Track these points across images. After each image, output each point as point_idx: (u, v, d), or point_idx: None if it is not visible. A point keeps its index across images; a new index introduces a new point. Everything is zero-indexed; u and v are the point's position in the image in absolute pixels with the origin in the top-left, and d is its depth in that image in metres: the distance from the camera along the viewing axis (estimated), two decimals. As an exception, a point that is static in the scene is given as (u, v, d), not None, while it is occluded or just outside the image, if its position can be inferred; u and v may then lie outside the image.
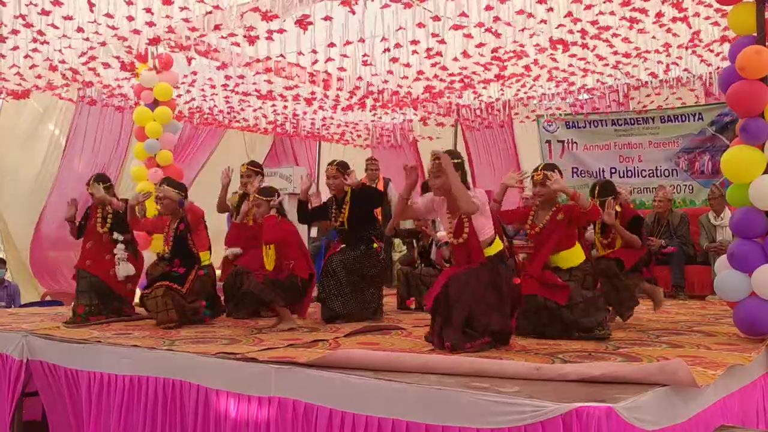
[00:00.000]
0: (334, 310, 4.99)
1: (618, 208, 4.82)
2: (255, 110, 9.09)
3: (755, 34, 3.90)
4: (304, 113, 9.51)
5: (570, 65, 7.48)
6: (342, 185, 5.16)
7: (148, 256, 6.18)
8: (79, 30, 5.84)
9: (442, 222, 3.96)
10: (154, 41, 5.96)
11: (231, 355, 3.36)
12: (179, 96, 8.17)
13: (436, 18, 5.48)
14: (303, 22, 5.43)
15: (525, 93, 8.90)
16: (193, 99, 8.55)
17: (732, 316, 4.08)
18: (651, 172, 9.62)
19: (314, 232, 9.00)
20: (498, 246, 3.71)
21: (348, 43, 6.03)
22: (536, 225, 4.32)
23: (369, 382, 2.78)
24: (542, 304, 4.07)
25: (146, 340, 3.98)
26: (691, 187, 9.59)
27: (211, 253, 5.30)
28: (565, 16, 5.80)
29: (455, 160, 3.70)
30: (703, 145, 9.52)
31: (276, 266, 4.80)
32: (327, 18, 5.48)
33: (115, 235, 5.41)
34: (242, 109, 9.13)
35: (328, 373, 2.92)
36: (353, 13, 5.34)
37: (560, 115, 9.57)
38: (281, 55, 6.34)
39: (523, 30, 5.96)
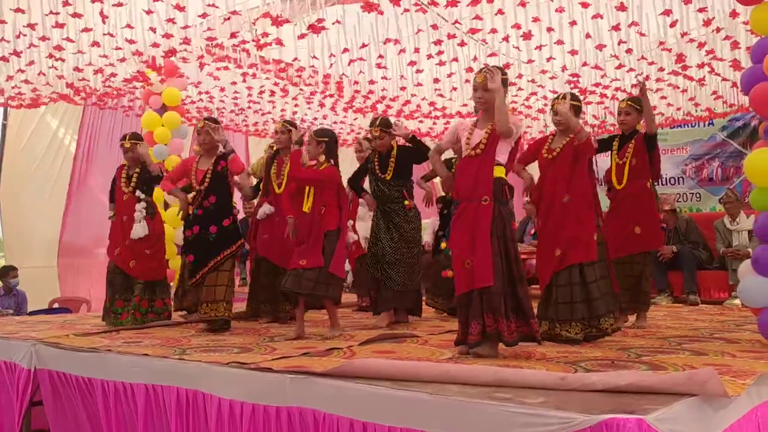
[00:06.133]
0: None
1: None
2: (263, 114, 9.03)
3: (779, 35, 3.81)
4: (314, 119, 9.45)
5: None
6: (389, 143, 5.19)
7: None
8: (95, 44, 5.78)
9: (461, 138, 3.75)
10: (170, 53, 5.90)
11: (244, 364, 3.28)
12: (188, 97, 8.15)
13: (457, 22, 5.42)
14: (316, 27, 5.37)
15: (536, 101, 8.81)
16: (201, 100, 8.50)
17: (753, 322, 3.99)
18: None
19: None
20: (501, 171, 3.60)
21: (363, 45, 5.98)
22: (553, 150, 4.24)
23: (389, 392, 2.70)
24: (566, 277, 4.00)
25: (157, 349, 3.92)
26: (698, 195, 9.50)
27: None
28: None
29: (503, 76, 3.60)
30: (712, 151, 9.44)
31: (312, 212, 4.58)
32: (337, 22, 5.44)
33: (137, 193, 5.32)
34: (256, 112, 9.07)
35: (346, 382, 2.84)
36: (381, 14, 5.26)
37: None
38: (295, 59, 6.31)
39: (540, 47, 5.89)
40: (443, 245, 5.51)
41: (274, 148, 5.65)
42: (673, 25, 5.39)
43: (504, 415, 2.38)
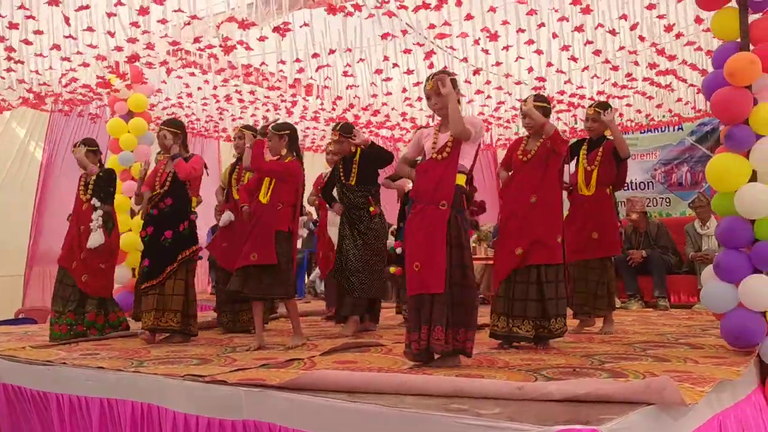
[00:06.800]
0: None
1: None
2: (234, 119, 8.93)
3: (738, 40, 3.81)
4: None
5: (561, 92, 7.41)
6: (348, 148, 5.20)
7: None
8: (55, 47, 5.65)
9: (426, 144, 3.68)
10: (134, 58, 5.79)
11: (199, 377, 3.20)
12: (159, 102, 8.02)
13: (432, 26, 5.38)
14: (281, 30, 5.31)
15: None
16: (171, 105, 8.37)
17: (719, 326, 3.98)
18: (626, 185, 9.56)
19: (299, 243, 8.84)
20: (462, 179, 3.54)
21: (332, 51, 5.92)
22: (528, 151, 4.26)
23: (344, 404, 2.64)
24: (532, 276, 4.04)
25: (113, 362, 3.82)
26: (668, 200, 9.56)
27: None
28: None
29: (451, 76, 3.58)
30: (681, 156, 9.50)
31: (268, 205, 4.47)
32: (305, 25, 5.39)
33: (94, 201, 5.22)
34: (221, 119, 8.97)
35: (301, 395, 2.78)
36: (350, 14, 5.23)
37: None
38: (263, 63, 6.22)
39: (507, 48, 5.85)
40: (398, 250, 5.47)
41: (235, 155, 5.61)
42: (633, 27, 5.39)
43: (459, 427, 2.34)
